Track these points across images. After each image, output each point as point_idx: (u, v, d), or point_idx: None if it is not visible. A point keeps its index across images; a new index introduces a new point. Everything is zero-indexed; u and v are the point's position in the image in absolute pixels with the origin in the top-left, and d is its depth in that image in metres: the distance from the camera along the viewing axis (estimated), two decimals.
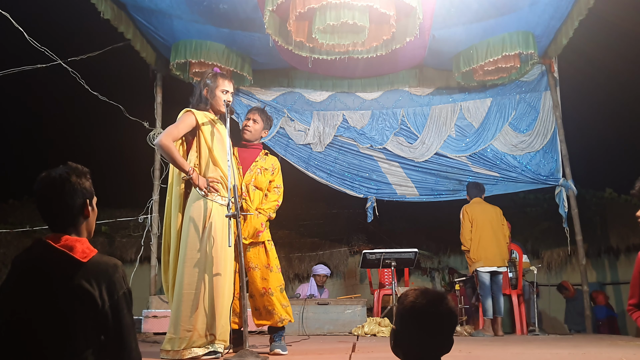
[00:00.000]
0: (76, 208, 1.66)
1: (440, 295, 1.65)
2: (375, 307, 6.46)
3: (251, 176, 3.67)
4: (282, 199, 3.78)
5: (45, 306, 1.53)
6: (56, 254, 1.59)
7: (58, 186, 1.64)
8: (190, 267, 3.12)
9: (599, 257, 8.55)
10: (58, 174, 1.66)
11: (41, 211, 1.67)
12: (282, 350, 3.45)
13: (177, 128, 3.24)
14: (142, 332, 5.35)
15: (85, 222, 1.69)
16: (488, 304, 5.66)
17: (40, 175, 1.69)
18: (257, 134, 3.80)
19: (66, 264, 1.58)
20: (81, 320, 1.53)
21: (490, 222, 5.79)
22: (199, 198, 3.21)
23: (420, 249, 7.02)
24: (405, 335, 1.63)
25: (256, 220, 3.58)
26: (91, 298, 1.55)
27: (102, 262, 1.61)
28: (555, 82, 6.50)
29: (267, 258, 3.60)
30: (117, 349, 1.58)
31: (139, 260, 6.77)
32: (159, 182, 6.26)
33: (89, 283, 1.55)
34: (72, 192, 1.65)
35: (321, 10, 4.56)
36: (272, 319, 3.56)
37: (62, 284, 1.55)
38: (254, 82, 6.45)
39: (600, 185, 9.68)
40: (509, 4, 5.33)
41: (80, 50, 5.66)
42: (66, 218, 1.66)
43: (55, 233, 1.65)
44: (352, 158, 6.90)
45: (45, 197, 1.66)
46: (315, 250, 8.67)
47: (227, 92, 3.41)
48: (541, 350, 3.87)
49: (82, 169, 1.71)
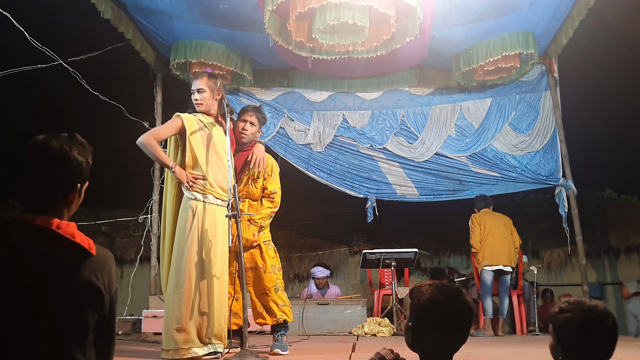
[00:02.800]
0: (65, 190, 1.42)
1: (456, 290, 1.61)
2: (375, 307, 6.46)
3: (242, 188, 3.60)
4: (282, 200, 3.73)
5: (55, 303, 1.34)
6: (61, 241, 1.36)
7: (53, 158, 1.39)
8: (186, 267, 3.12)
9: (599, 257, 8.56)
10: (59, 144, 1.40)
11: (22, 181, 1.42)
12: (282, 351, 3.45)
13: (161, 128, 3.37)
14: (142, 332, 5.36)
15: (67, 207, 1.45)
16: (487, 303, 5.69)
17: (35, 138, 1.42)
18: (253, 137, 3.68)
19: (75, 255, 1.38)
20: (91, 319, 1.39)
21: (499, 228, 5.90)
22: (186, 199, 3.24)
23: (420, 249, 7.02)
24: (422, 332, 1.59)
25: (247, 231, 3.54)
26: (100, 295, 1.40)
27: (102, 254, 1.45)
28: (555, 82, 6.50)
29: (263, 259, 3.59)
30: (106, 344, 1.47)
31: (139, 260, 6.78)
32: (159, 182, 6.26)
33: (96, 277, 1.39)
34: (67, 169, 1.41)
35: (321, 10, 4.56)
36: (270, 319, 3.56)
37: (74, 278, 1.36)
38: (254, 82, 6.44)
39: (600, 185, 9.69)
40: (509, 4, 5.33)
41: (80, 50, 5.66)
42: (50, 198, 1.41)
43: (32, 213, 1.39)
44: (352, 158, 6.90)
45: (34, 167, 1.40)
46: (315, 250, 8.67)
47: (194, 92, 3.36)
48: (541, 350, 3.87)
49: (87, 146, 1.46)
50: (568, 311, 1.59)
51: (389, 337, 5.13)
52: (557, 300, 8.04)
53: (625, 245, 8.43)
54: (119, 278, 8.56)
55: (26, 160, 1.41)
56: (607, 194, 9.52)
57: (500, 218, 6.00)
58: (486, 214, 6.01)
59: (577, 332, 1.56)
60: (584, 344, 1.55)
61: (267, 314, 3.57)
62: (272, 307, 3.55)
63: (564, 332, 1.59)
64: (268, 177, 3.66)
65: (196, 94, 3.37)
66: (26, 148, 1.41)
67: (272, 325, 3.61)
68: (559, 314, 1.60)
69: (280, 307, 3.57)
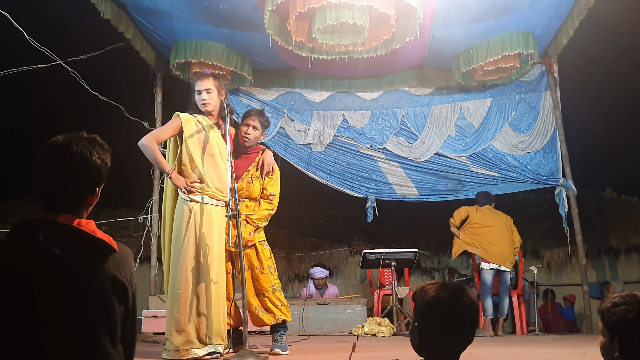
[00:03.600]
0: (85, 192, 1.44)
1: (460, 287, 1.60)
2: (375, 307, 6.46)
3: (241, 187, 3.58)
4: (282, 200, 3.73)
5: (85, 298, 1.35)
6: (86, 238, 1.39)
7: (75, 163, 1.40)
8: (184, 267, 3.12)
9: (599, 257, 8.56)
10: (79, 149, 1.41)
11: (42, 183, 1.42)
12: (282, 350, 3.45)
13: (163, 130, 3.32)
14: (142, 332, 5.36)
15: (86, 208, 1.47)
16: (488, 303, 5.65)
17: (55, 140, 1.42)
18: (256, 141, 3.66)
19: (101, 251, 1.40)
20: (118, 314, 1.41)
21: (500, 227, 5.84)
22: (182, 200, 3.24)
23: (420, 249, 7.03)
24: (428, 331, 1.58)
25: (244, 230, 3.50)
26: (125, 289, 1.42)
27: (123, 251, 1.47)
28: (555, 82, 6.50)
29: (258, 260, 3.58)
30: (130, 339, 1.48)
31: (139, 260, 6.77)
32: (159, 182, 6.26)
33: (120, 273, 1.41)
34: (87, 174, 1.42)
35: (321, 10, 4.56)
36: (267, 319, 3.55)
37: (101, 273, 1.38)
38: (254, 82, 6.44)
39: (600, 185, 9.70)
40: (509, 4, 5.33)
41: (80, 50, 5.66)
42: (72, 199, 1.42)
43: (56, 213, 1.40)
44: (352, 158, 6.90)
45: (55, 169, 1.41)
46: (315, 250, 8.67)
47: (200, 92, 3.34)
48: (541, 350, 3.87)
49: (107, 148, 1.48)
50: (623, 304, 1.56)
51: (389, 337, 5.13)
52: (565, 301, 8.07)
53: (625, 245, 8.44)
54: None
55: (46, 161, 1.42)
56: (607, 194, 9.52)
57: (501, 217, 5.95)
58: (488, 211, 5.94)
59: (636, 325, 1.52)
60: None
61: (266, 314, 3.56)
62: (271, 307, 3.54)
63: (620, 326, 1.54)
64: (269, 179, 3.65)
65: (204, 94, 3.34)
66: (46, 149, 1.41)
67: (272, 326, 3.61)
68: (612, 308, 1.57)
69: (279, 307, 3.57)
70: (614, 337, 1.55)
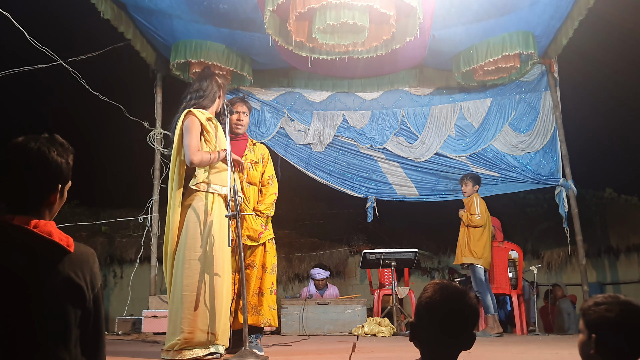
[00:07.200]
0: (45, 191, 1.42)
1: (460, 292, 1.59)
2: (375, 307, 6.46)
3: (247, 172, 3.62)
4: (282, 200, 3.75)
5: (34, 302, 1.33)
6: (37, 239, 1.36)
7: (32, 160, 1.39)
8: (189, 267, 3.11)
9: (599, 257, 8.56)
10: (37, 146, 1.41)
11: (2, 184, 1.41)
12: (258, 351, 3.40)
13: (194, 138, 3.19)
14: (142, 332, 5.36)
15: (49, 208, 1.45)
16: (488, 300, 5.42)
17: (14, 140, 1.42)
18: (247, 125, 3.80)
19: (52, 253, 1.37)
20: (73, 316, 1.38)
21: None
22: (200, 197, 3.20)
23: (420, 249, 7.02)
24: (419, 329, 1.60)
25: (256, 222, 3.55)
26: (81, 291, 1.39)
27: (83, 251, 1.43)
28: (555, 82, 6.50)
29: (264, 258, 3.59)
30: (94, 341, 1.45)
31: (139, 260, 6.78)
32: (159, 182, 6.26)
33: (76, 274, 1.38)
34: (46, 170, 1.41)
35: (321, 10, 4.57)
36: (257, 319, 3.52)
37: (52, 275, 1.35)
38: (254, 82, 6.44)
39: (600, 185, 9.70)
40: (509, 4, 5.33)
41: (80, 50, 5.67)
42: (31, 199, 1.41)
43: (13, 214, 1.38)
44: (352, 158, 6.90)
45: (14, 168, 1.40)
46: (315, 250, 8.67)
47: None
48: (541, 350, 3.87)
49: (67, 146, 1.47)
50: (604, 303, 1.57)
51: (389, 337, 5.13)
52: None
53: (625, 245, 8.44)
54: (119, 278, 8.57)
55: (5, 161, 1.41)
56: (607, 194, 9.52)
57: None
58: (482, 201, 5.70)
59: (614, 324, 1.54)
60: (620, 337, 1.53)
61: (256, 313, 3.52)
62: (265, 309, 3.52)
63: (599, 324, 1.56)
64: (265, 162, 3.77)
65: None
66: (5, 150, 1.41)
67: (251, 326, 3.47)
68: (593, 307, 1.58)
69: (272, 310, 3.56)
70: (592, 334, 1.58)
